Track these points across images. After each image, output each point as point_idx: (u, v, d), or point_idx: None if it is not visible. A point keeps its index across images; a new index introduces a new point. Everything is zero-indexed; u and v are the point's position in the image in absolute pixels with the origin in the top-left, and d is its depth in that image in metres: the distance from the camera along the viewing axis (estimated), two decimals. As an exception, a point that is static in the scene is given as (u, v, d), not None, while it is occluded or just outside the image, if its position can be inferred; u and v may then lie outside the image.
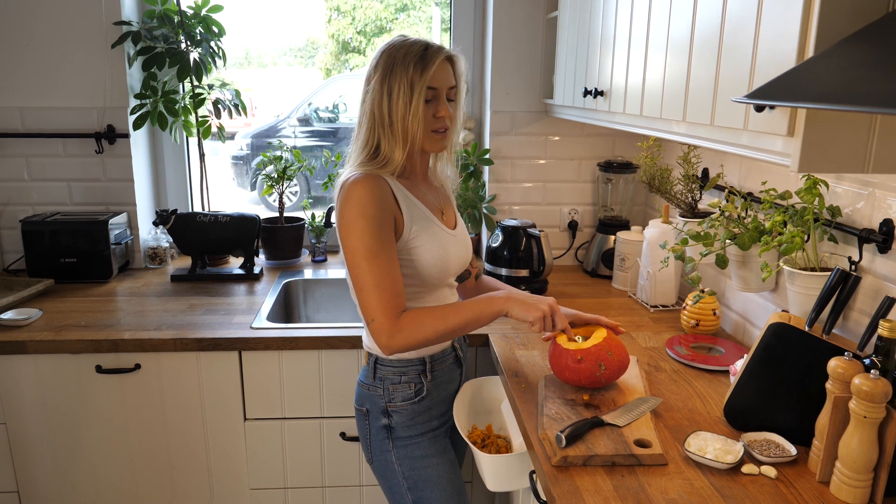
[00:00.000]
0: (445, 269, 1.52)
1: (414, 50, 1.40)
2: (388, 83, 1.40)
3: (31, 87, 2.34)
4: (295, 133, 5.44)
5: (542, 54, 2.46)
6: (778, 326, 1.33)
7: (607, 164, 2.47)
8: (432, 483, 1.54)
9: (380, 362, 1.55)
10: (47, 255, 2.31)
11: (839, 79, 0.82)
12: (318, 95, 5.48)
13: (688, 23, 1.35)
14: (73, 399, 1.93)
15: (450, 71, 1.45)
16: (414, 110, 1.39)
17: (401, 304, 1.38)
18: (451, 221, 1.59)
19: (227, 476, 2.03)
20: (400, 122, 1.40)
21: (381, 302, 1.36)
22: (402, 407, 1.54)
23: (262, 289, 2.33)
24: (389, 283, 1.37)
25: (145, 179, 2.57)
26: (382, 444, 1.56)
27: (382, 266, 1.37)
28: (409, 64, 1.38)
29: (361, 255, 1.37)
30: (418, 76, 1.38)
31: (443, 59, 1.42)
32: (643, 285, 2.15)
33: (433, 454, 1.55)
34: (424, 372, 1.55)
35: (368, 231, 1.36)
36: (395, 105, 1.39)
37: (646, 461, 1.27)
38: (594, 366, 1.43)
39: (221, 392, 1.95)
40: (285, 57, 4.47)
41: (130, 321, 2.00)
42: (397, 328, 1.36)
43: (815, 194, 1.39)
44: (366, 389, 1.58)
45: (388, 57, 1.41)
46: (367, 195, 1.38)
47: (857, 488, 1.15)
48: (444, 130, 1.46)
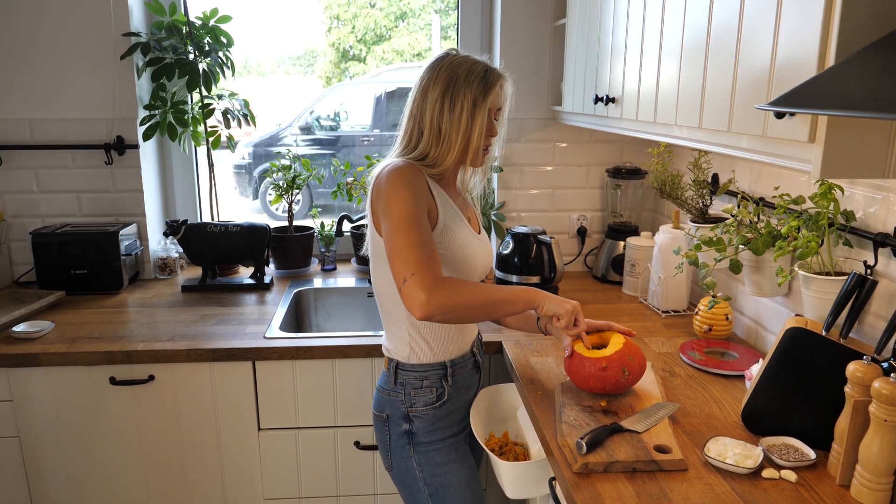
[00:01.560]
0: (473, 265, 1.54)
1: (476, 70, 1.45)
2: (450, 97, 1.44)
3: (40, 99, 2.35)
4: (297, 142, 5.47)
5: (549, 61, 2.47)
6: (795, 331, 1.34)
7: (616, 170, 2.48)
8: (453, 489, 1.54)
9: (401, 367, 1.55)
10: (57, 267, 2.31)
11: (863, 86, 0.83)
12: (320, 104, 5.50)
13: (703, 29, 1.36)
14: (87, 411, 1.93)
15: (503, 93, 1.51)
16: (477, 128, 1.44)
17: (439, 267, 1.37)
18: (476, 227, 1.63)
19: (241, 486, 2.03)
20: (458, 137, 1.45)
21: (418, 259, 1.33)
22: (423, 412, 1.54)
23: (273, 298, 2.33)
24: (428, 245, 1.36)
25: (154, 190, 2.57)
26: (403, 450, 1.56)
27: (425, 232, 1.38)
28: (472, 82, 1.44)
29: (403, 218, 1.37)
30: (481, 96, 1.44)
31: (502, 84, 1.49)
32: (654, 291, 2.16)
33: (454, 460, 1.56)
34: (445, 377, 1.55)
35: (412, 200, 1.39)
36: (457, 119, 1.44)
37: (666, 467, 1.27)
38: (619, 372, 1.44)
39: (235, 402, 1.95)
40: (284, 65, 4.47)
41: (143, 332, 2.00)
42: (440, 284, 1.32)
43: (831, 199, 1.40)
44: (386, 395, 1.58)
45: (449, 72, 1.45)
46: (411, 174, 1.42)
47: (879, 491, 1.16)
48: (487, 148, 1.52)
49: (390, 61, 4.65)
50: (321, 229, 2.65)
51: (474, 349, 1.64)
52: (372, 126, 4.49)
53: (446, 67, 1.46)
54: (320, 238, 2.64)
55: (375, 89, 4.49)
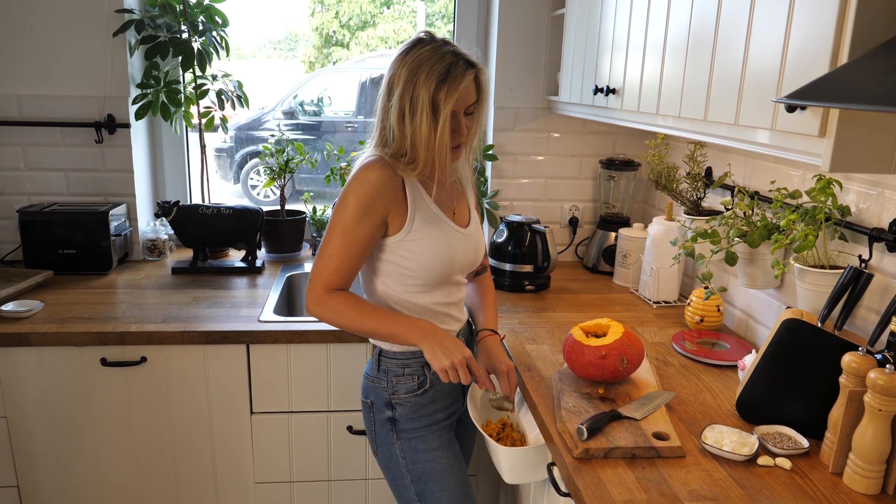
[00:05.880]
0: (449, 266, 1.51)
1: (438, 70, 1.35)
2: (409, 101, 1.36)
3: (30, 75, 2.30)
4: (280, 126, 5.43)
5: (546, 51, 2.47)
6: (792, 322, 1.37)
7: (609, 161, 2.50)
8: (436, 476, 1.54)
9: (384, 355, 1.55)
10: (45, 247, 2.27)
11: (879, 82, 0.85)
12: (303, 89, 5.45)
13: (711, 21, 1.36)
14: (77, 392, 1.91)
15: (473, 88, 1.41)
16: (440, 136, 1.36)
17: (339, 284, 1.45)
18: (463, 219, 1.58)
19: (232, 470, 2.02)
20: (424, 146, 1.37)
21: (325, 271, 1.44)
22: (405, 399, 1.54)
23: (265, 282, 2.32)
24: (344, 260, 1.43)
25: (144, 170, 2.54)
26: (387, 437, 1.57)
27: (348, 244, 1.42)
28: (430, 84, 1.34)
29: (336, 226, 1.43)
30: (443, 99, 1.35)
31: (470, 81, 1.39)
32: (646, 281, 2.18)
33: (437, 447, 1.56)
34: (428, 364, 1.55)
35: (353, 211, 1.41)
36: (418, 127, 1.36)
37: (665, 453, 1.30)
38: (617, 360, 1.46)
39: (228, 385, 1.94)
40: (264, 49, 4.41)
41: (134, 314, 1.98)
42: (322, 301, 1.44)
43: (829, 194, 1.42)
44: (371, 382, 1.58)
45: (410, 71, 1.36)
46: (371, 181, 1.41)
47: (871, 479, 1.19)
48: (458, 146, 1.46)
49: (374, 48, 4.62)
50: (313, 214, 2.63)
51: (461, 338, 1.63)
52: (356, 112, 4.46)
53: (408, 65, 1.36)
54: (312, 223, 2.63)
55: (360, 75, 4.46)
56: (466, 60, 1.39)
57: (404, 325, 1.45)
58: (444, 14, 2.85)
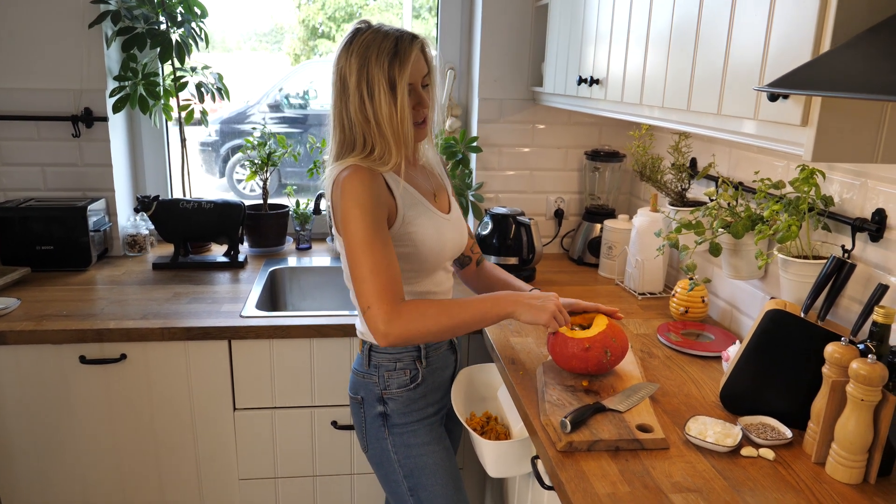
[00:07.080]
0: (441, 251, 1.52)
1: (385, 47, 1.36)
2: (366, 86, 1.37)
3: (3, 68, 2.25)
4: (265, 119, 5.38)
5: (531, 42, 2.45)
6: (775, 313, 1.37)
7: (594, 152, 2.49)
8: (428, 470, 1.54)
9: (374, 350, 1.54)
10: (22, 243, 2.23)
11: (860, 70, 0.84)
12: (288, 81, 5.40)
13: (693, 11, 1.36)
14: (56, 390, 1.88)
15: (422, 59, 1.42)
16: (401, 111, 1.37)
17: (398, 293, 1.36)
18: (444, 205, 1.58)
19: (215, 467, 2.00)
20: (388, 125, 1.38)
21: (377, 287, 1.34)
22: (397, 394, 1.53)
23: (248, 277, 2.29)
24: (385, 269, 1.35)
25: (123, 165, 2.50)
26: (378, 433, 1.55)
27: (378, 253, 1.35)
28: (382, 63, 1.35)
29: (358, 243, 1.35)
30: (397, 75, 1.36)
31: (418, 52, 1.40)
32: (631, 273, 2.18)
33: (429, 441, 1.56)
34: (419, 358, 1.55)
35: (364, 220, 1.35)
36: (379, 108, 1.37)
37: (648, 445, 1.29)
38: (601, 353, 1.45)
39: (210, 382, 1.92)
40: (250, 41, 4.37)
41: (114, 310, 1.95)
42: (395, 314, 1.33)
43: (812, 184, 1.42)
44: (360, 377, 1.57)
45: (359, 58, 1.37)
46: (361, 187, 1.37)
47: (853, 468, 1.19)
48: (423, 120, 1.46)
49: (360, 41, 4.58)
50: (296, 207, 2.61)
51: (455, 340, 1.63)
52: (342, 105, 4.42)
53: (356, 53, 1.37)
54: (295, 216, 2.60)
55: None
56: (410, 35, 1.41)
57: (486, 302, 1.42)
58: (430, 6, 2.83)
